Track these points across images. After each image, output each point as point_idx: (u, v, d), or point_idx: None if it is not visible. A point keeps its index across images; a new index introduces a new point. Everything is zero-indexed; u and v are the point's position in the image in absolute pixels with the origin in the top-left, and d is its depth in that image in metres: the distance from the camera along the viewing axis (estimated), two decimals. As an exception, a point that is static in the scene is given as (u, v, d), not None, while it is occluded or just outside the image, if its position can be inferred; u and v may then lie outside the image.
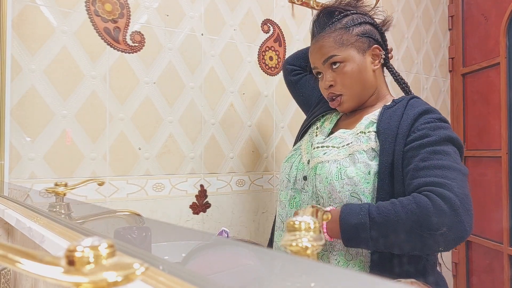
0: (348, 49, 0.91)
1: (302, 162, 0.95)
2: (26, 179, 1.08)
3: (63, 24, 1.14)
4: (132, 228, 0.68)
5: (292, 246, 0.29)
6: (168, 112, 1.31)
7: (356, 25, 0.94)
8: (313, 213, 0.45)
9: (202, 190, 1.37)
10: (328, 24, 0.94)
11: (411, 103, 0.88)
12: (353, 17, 0.95)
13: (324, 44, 0.93)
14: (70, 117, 1.14)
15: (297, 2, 1.61)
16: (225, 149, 1.43)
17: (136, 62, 1.25)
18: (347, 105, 0.94)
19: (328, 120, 1.03)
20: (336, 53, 0.91)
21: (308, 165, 0.92)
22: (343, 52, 0.91)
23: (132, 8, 1.25)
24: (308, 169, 0.91)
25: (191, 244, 0.53)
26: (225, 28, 1.44)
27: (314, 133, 1.01)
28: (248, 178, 1.48)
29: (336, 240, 0.81)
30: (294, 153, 1.00)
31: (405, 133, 0.82)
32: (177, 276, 0.31)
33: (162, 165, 1.29)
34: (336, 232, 0.76)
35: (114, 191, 1.20)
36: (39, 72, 1.10)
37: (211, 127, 1.40)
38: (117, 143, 1.21)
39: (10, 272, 1.01)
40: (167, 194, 1.30)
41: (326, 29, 0.94)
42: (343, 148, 0.88)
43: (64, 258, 0.20)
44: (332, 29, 0.93)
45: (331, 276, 0.29)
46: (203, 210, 1.37)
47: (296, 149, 1.01)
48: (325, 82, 0.94)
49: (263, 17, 1.53)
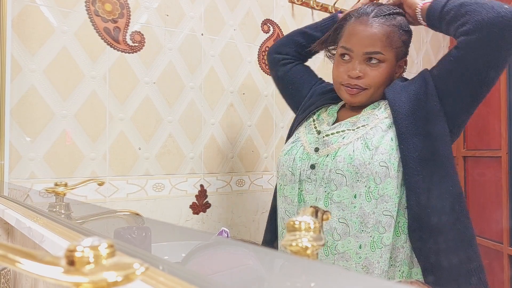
0: (392, 52, 0.89)
1: (307, 152, 0.91)
2: (26, 179, 1.08)
3: (63, 24, 1.14)
4: (132, 228, 0.68)
5: (292, 246, 0.29)
6: (168, 112, 1.31)
7: (404, 30, 0.91)
8: (313, 213, 0.45)
9: (202, 190, 1.37)
10: (385, 13, 0.89)
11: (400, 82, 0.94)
12: (403, 19, 0.92)
13: (376, 34, 0.87)
14: (70, 117, 1.14)
15: (297, 2, 1.61)
16: (225, 149, 1.43)
17: (136, 62, 1.25)
18: (363, 99, 0.91)
19: (325, 112, 1.00)
20: (382, 52, 0.87)
21: (317, 153, 0.89)
22: (388, 53, 0.88)
23: (132, 8, 1.25)
24: (318, 157, 0.88)
25: (191, 244, 0.53)
26: (225, 28, 1.44)
27: (312, 125, 0.98)
28: (248, 178, 1.48)
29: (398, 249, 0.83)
30: (294, 145, 0.95)
31: (422, 85, 0.87)
32: (177, 276, 0.31)
33: (162, 165, 1.29)
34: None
35: (114, 191, 1.20)
36: (39, 72, 1.10)
37: (211, 127, 1.40)
38: (117, 143, 1.21)
39: (10, 272, 1.01)
40: (167, 194, 1.30)
41: (381, 18, 0.89)
42: (360, 128, 0.87)
43: (64, 258, 0.20)
44: (388, 21, 0.88)
45: (331, 276, 0.29)
46: (203, 210, 1.37)
47: (294, 141, 0.97)
48: (355, 71, 0.88)
49: (263, 17, 1.53)
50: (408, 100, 0.86)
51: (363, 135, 0.85)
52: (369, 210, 0.81)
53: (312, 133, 0.96)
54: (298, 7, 1.62)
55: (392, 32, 0.88)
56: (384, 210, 0.82)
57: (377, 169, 0.81)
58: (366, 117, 0.90)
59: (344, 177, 0.83)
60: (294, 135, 1.00)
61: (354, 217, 0.82)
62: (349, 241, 0.82)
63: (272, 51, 1.17)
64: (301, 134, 0.97)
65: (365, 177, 0.81)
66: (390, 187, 0.82)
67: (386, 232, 0.82)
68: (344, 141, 0.86)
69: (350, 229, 0.82)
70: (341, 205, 0.83)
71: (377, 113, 0.89)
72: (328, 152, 0.87)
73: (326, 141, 0.89)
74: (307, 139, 0.94)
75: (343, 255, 0.82)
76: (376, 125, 0.86)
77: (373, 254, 0.82)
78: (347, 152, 0.84)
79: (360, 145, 0.83)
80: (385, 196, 0.81)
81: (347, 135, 0.87)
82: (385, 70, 0.89)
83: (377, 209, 0.81)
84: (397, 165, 0.82)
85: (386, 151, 0.82)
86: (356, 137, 0.86)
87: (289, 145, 0.97)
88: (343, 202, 0.83)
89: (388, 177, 0.81)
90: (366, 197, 0.81)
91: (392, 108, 0.86)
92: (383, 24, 0.88)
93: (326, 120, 0.97)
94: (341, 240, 0.82)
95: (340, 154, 0.84)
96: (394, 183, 0.82)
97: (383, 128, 0.85)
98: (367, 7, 0.91)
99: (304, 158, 0.90)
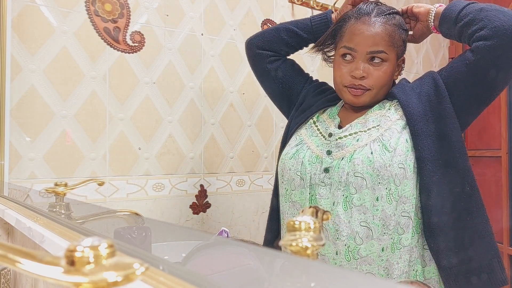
0: (393, 51, 0.89)
1: (316, 155, 0.89)
2: (26, 179, 1.08)
3: (63, 24, 1.14)
4: (132, 228, 0.68)
5: (292, 246, 0.29)
6: (168, 112, 1.31)
7: (403, 29, 0.92)
8: (313, 213, 0.45)
9: (202, 190, 1.37)
10: (385, 12, 0.89)
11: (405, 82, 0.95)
12: (402, 19, 0.93)
13: (379, 33, 0.87)
14: (70, 117, 1.14)
15: (297, 2, 1.61)
16: (225, 149, 1.43)
17: (136, 62, 1.25)
18: (367, 100, 0.90)
19: (323, 114, 0.98)
20: (385, 51, 0.87)
21: (330, 156, 0.87)
22: (390, 53, 0.88)
23: (132, 8, 1.25)
24: (332, 160, 0.86)
25: (191, 244, 0.53)
26: (225, 28, 1.44)
27: (314, 127, 0.96)
28: (248, 178, 1.48)
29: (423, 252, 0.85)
30: (299, 148, 0.92)
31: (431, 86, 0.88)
32: (177, 276, 0.31)
33: (162, 165, 1.29)
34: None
35: (114, 191, 1.20)
36: (39, 72, 1.10)
37: (211, 127, 1.40)
38: (117, 143, 1.21)
39: (10, 272, 1.01)
40: (167, 194, 1.30)
41: (382, 17, 0.88)
42: (372, 129, 0.87)
43: (64, 258, 0.20)
44: (389, 21, 0.89)
45: (331, 276, 0.29)
46: (203, 210, 1.37)
47: (298, 144, 0.94)
48: (358, 71, 0.87)
49: (263, 17, 1.53)
50: (420, 101, 0.86)
51: (379, 137, 0.85)
52: (390, 212, 0.82)
53: (316, 135, 0.93)
54: (298, 7, 1.62)
55: (393, 31, 0.89)
56: (402, 212, 0.83)
57: (397, 171, 0.81)
58: (375, 117, 0.89)
59: (364, 180, 0.82)
60: (294, 137, 0.97)
61: (376, 220, 0.82)
62: (372, 244, 0.82)
63: (255, 45, 1.07)
64: (304, 137, 0.95)
65: (386, 179, 0.81)
66: (408, 188, 0.82)
67: (404, 233, 0.83)
68: (359, 143, 0.85)
69: (372, 232, 0.82)
70: (362, 208, 0.82)
71: (388, 114, 0.88)
72: (343, 155, 0.85)
73: (339, 144, 0.88)
74: (313, 142, 0.92)
75: (366, 259, 0.82)
76: (390, 127, 0.86)
77: (393, 255, 0.82)
78: (364, 154, 0.83)
79: (378, 147, 0.83)
80: (403, 197, 0.82)
81: (360, 137, 0.87)
82: (387, 70, 0.89)
83: (397, 211, 0.82)
84: (412, 166, 0.83)
85: (402, 153, 0.83)
86: (371, 139, 0.85)
87: (293, 148, 0.94)
88: (364, 205, 0.82)
89: (405, 178, 0.82)
90: (387, 199, 0.82)
91: (405, 109, 0.86)
92: (385, 24, 0.88)
93: (328, 122, 0.95)
94: (363, 244, 0.82)
95: (357, 156, 0.83)
96: (410, 184, 0.83)
97: (398, 129, 0.85)
98: (366, 7, 0.91)
99: (314, 162, 0.88)
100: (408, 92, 0.89)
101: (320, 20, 1.03)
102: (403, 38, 0.92)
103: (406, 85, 0.91)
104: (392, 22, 0.89)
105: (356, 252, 0.82)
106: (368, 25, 0.88)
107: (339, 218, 0.82)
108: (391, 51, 0.88)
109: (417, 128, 0.84)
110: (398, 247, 0.82)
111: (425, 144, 0.83)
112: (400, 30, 0.90)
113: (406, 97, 0.88)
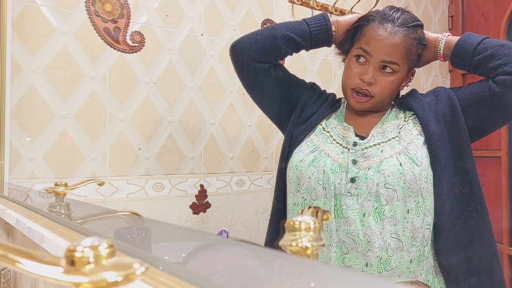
0: (407, 64, 0.89)
1: (339, 164, 0.86)
2: (26, 179, 1.08)
3: (63, 24, 1.14)
4: (132, 228, 0.68)
5: (292, 246, 0.29)
6: (168, 112, 1.31)
7: (422, 44, 0.91)
8: (313, 213, 0.45)
9: (202, 190, 1.37)
10: (409, 24, 0.88)
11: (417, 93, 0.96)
12: (422, 32, 0.91)
13: (397, 45, 0.86)
14: (70, 117, 1.14)
15: (297, 2, 1.61)
16: (225, 149, 1.43)
17: (136, 62, 1.25)
18: (369, 106, 0.90)
19: (330, 118, 0.97)
20: (399, 63, 0.87)
21: (356, 166, 0.85)
22: (403, 65, 0.88)
23: (132, 8, 1.25)
24: (358, 170, 0.85)
25: (191, 244, 0.53)
26: (225, 28, 1.44)
27: (326, 134, 0.93)
28: (248, 178, 1.48)
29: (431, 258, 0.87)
30: (317, 155, 0.89)
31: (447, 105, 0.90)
32: (177, 276, 0.31)
33: (162, 165, 1.29)
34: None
35: (114, 191, 1.20)
36: (39, 72, 1.10)
37: (211, 127, 1.40)
38: (117, 143, 1.21)
39: (10, 272, 1.01)
40: (167, 194, 1.30)
41: (405, 28, 0.87)
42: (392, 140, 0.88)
43: (64, 258, 0.20)
44: (411, 34, 0.87)
45: (331, 276, 0.29)
46: (203, 210, 1.37)
47: (314, 150, 0.90)
48: (367, 75, 0.87)
49: (263, 17, 1.53)
50: (437, 121, 0.89)
51: (404, 150, 0.86)
52: (418, 224, 0.84)
53: (331, 142, 0.91)
54: (298, 7, 1.62)
55: (411, 45, 0.88)
56: (426, 224, 0.85)
57: (424, 185, 0.84)
58: (392, 128, 0.90)
59: (395, 191, 0.82)
60: (305, 143, 0.93)
61: (407, 232, 0.83)
62: (402, 256, 0.83)
63: (250, 57, 0.96)
64: (318, 143, 0.91)
65: (415, 192, 0.83)
66: (429, 202, 0.85)
67: (427, 246, 0.86)
68: (384, 154, 0.85)
69: (402, 244, 0.83)
70: (393, 220, 0.82)
71: (407, 127, 0.90)
72: (369, 166, 0.85)
73: (365, 154, 0.86)
74: (331, 149, 0.89)
75: (396, 270, 0.82)
76: (412, 141, 0.87)
77: (418, 267, 0.84)
78: (394, 166, 0.83)
79: (406, 160, 0.84)
80: (427, 210, 0.85)
81: (383, 148, 0.87)
82: (395, 80, 0.89)
83: (423, 223, 0.84)
84: (432, 181, 0.86)
85: (425, 168, 0.85)
86: (396, 151, 0.86)
87: (309, 155, 0.89)
88: (395, 217, 0.82)
89: (428, 192, 0.85)
90: (416, 212, 0.84)
91: (424, 128, 0.88)
92: (406, 36, 0.86)
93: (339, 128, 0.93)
94: (394, 255, 0.82)
95: (386, 167, 0.83)
96: (431, 198, 0.86)
97: (420, 144, 0.87)
98: (392, 13, 0.88)
99: (338, 171, 0.86)
100: (426, 109, 0.90)
101: (319, 27, 0.96)
102: (419, 53, 0.91)
103: (423, 100, 0.92)
104: (413, 36, 0.88)
105: (388, 264, 0.82)
106: (389, 33, 0.86)
107: (371, 229, 0.82)
108: (404, 63, 0.88)
109: (435, 147, 0.86)
110: (423, 259, 0.85)
111: (441, 162, 0.86)
112: (418, 45, 0.90)
113: (424, 114, 0.89)
